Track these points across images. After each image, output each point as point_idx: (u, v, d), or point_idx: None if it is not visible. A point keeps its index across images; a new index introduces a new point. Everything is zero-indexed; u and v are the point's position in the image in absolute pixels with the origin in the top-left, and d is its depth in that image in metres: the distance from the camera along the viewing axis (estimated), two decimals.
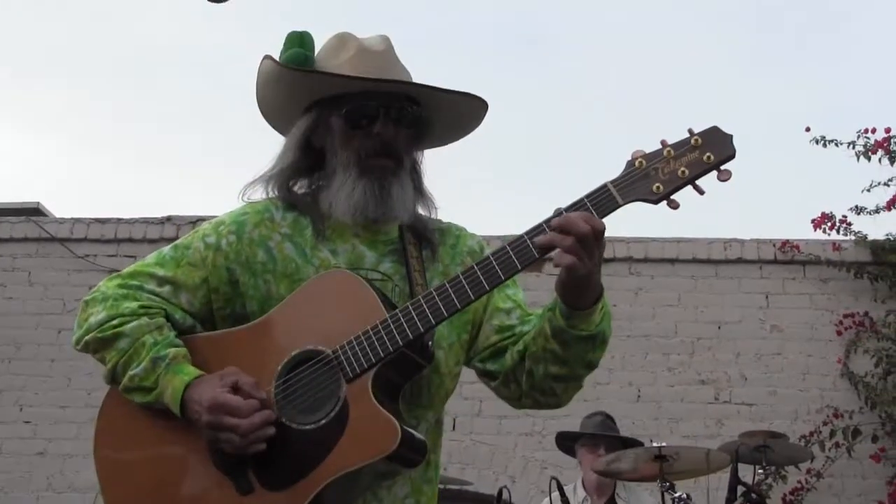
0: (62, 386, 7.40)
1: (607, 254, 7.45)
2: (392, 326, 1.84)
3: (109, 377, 1.98)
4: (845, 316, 7.19)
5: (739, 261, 7.56)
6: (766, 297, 7.46)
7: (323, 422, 1.83)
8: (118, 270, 7.04)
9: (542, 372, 1.93)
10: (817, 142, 7.43)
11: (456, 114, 2.14)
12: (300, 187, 2.12)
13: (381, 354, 1.83)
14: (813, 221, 7.45)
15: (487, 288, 1.82)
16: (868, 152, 7.20)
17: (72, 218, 7.95)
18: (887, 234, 7.31)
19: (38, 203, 8.60)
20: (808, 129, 7.47)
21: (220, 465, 1.88)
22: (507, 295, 2.08)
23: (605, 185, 1.79)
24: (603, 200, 1.79)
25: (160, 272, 2.03)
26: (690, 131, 1.80)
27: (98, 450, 2.03)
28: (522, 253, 1.80)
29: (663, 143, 1.80)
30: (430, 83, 2.08)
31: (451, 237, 2.14)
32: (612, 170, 1.83)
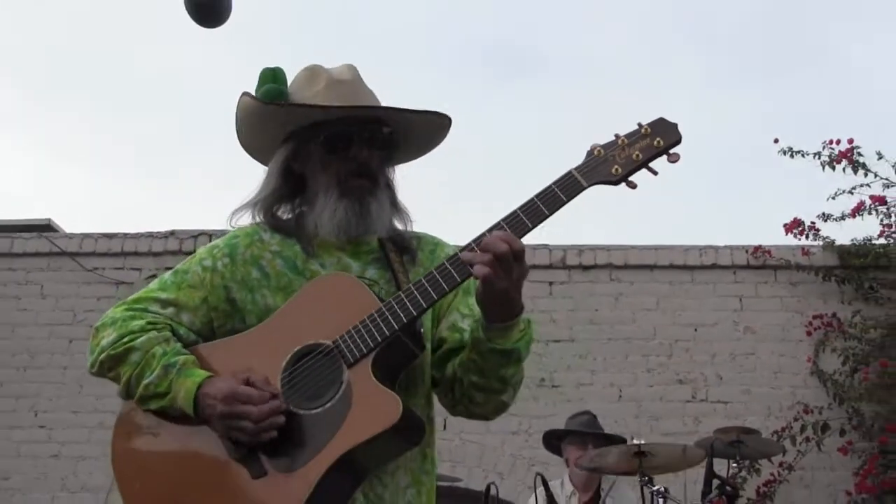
0: (74, 392, 7.41)
1: (589, 261, 7.62)
2: (387, 313, 1.90)
3: (124, 391, 2.03)
4: (814, 317, 7.22)
5: (714, 266, 7.57)
6: (740, 300, 7.49)
7: (329, 404, 1.88)
8: (124, 282, 7.12)
9: (466, 380, 2.00)
10: (785, 152, 7.45)
11: (423, 130, 2.20)
12: (284, 212, 2.18)
13: (379, 339, 1.89)
14: (784, 227, 7.47)
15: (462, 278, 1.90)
16: (833, 162, 7.22)
17: (81, 233, 7.96)
18: (852, 240, 7.34)
19: (50, 219, 8.61)
20: (776, 141, 7.51)
21: (233, 455, 1.91)
22: (469, 303, 2.13)
23: (570, 172, 1.91)
24: (569, 185, 1.89)
25: (163, 296, 2.09)
26: (640, 124, 1.94)
27: (116, 457, 2.06)
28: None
29: (617, 135, 1.94)
30: (397, 104, 2.15)
31: (428, 244, 2.21)
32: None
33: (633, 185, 1.91)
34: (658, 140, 1.90)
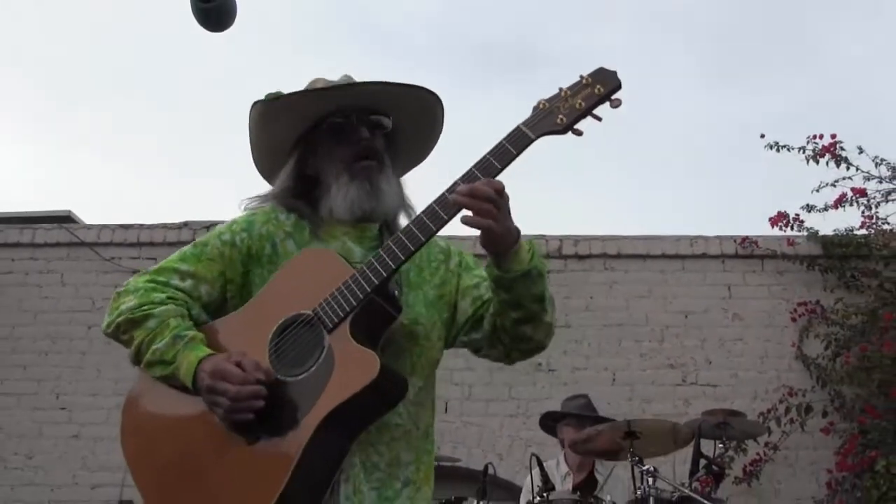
0: (93, 376, 7.48)
1: (584, 251, 7.64)
2: (359, 278, 1.94)
3: (134, 354, 2.06)
4: (799, 304, 7.25)
5: (704, 256, 7.60)
6: (728, 288, 7.52)
7: (312, 369, 1.92)
8: (140, 271, 7.17)
9: (508, 322, 2.04)
10: (771, 147, 7.44)
11: (417, 112, 2.23)
12: (298, 200, 2.21)
13: (353, 302, 1.92)
14: (770, 219, 7.48)
15: (434, 229, 1.93)
16: (816, 156, 7.22)
17: (99, 224, 8.01)
18: (835, 230, 7.38)
19: (70, 211, 8.64)
20: (762, 136, 7.50)
21: (229, 426, 1.94)
22: (473, 274, 2.19)
23: (517, 127, 1.93)
24: (518, 138, 1.92)
25: (183, 267, 2.13)
26: (581, 75, 1.96)
27: (125, 429, 2.10)
28: (446, 207, 1.92)
29: (560, 88, 1.95)
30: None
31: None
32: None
33: (578, 133, 1.93)
34: (598, 87, 1.92)
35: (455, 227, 1.93)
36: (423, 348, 2.11)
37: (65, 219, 8.61)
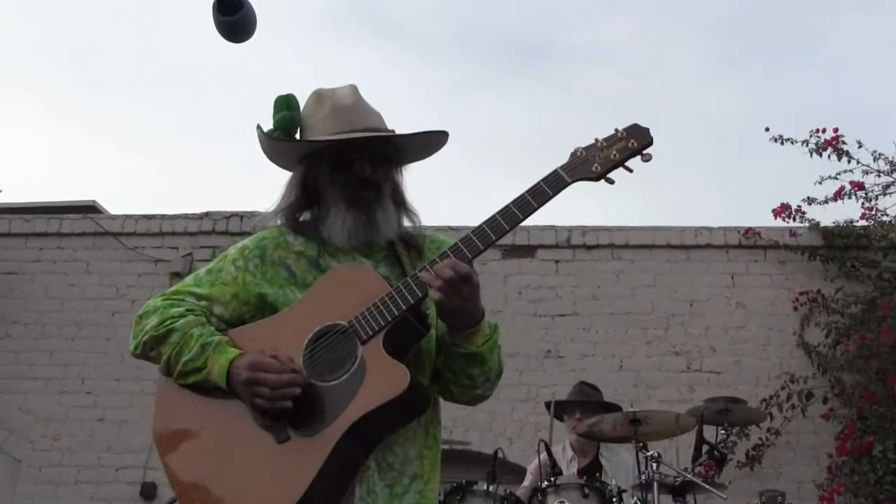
0: (116, 361, 7.59)
1: (592, 241, 7.73)
2: (396, 296, 2.02)
3: (165, 368, 2.13)
4: (800, 294, 7.32)
5: (708, 246, 7.68)
6: (732, 277, 7.60)
7: (345, 376, 1.99)
8: (163, 260, 7.32)
9: (444, 375, 2.17)
10: (775, 140, 7.48)
11: (423, 144, 2.30)
12: (304, 217, 2.29)
13: (389, 318, 2.01)
14: (773, 211, 7.56)
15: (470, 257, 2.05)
16: (819, 150, 7.28)
17: (123, 215, 8.15)
18: (835, 222, 7.44)
19: (94, 201, 8.77)
20: (767, 129, 7.53)
21: (260, 423, 2.01)
22: None
23: (555, 170, 2.05)
24: (555, 181, 2.04)
25: (198, 290, 2.20)
26: (616, 129, 2.08)
27: (157, 430, 2.17)
28: (480, 238, 2.05)
29: (596, 138, 2.07)
30: (397, 129, 2.25)
31: (435, 242, 2.32)
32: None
33: (611, 181, 2.06)
34: (632, 142, 2.04)
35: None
36: (430, 348, 2.20)
37: (90, 209, 8.75)
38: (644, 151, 2.05)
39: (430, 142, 2.31)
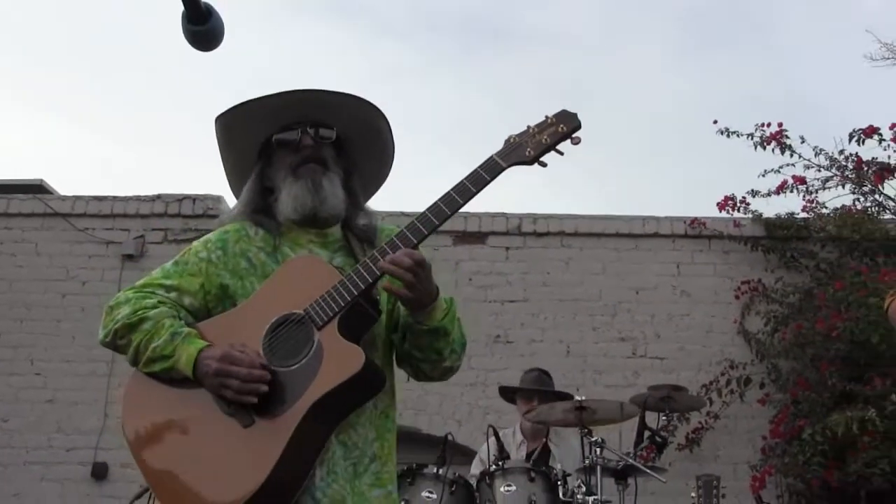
0: (67, 343, 7.61)
1: (543, 229, 7.88)
2: (348, 283, 2.14)
3: (133, 355, 2.22)
4: (742, 283, 7.52)
5: (655, 235, 7.85)
6: (678, 266, 7.78)
7: (303, 361, 2.11)
8: (114, 242, 7.31)
9: (413, 355, 2.31)
10: (722, 133, 7.62)
11: (361, 123, 2.40)
12: (261, 214, 2.40)
13: (342, 303, 2.12)
14: (718, 203, 7.72)
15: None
16: (763, 143, 7.43)
17: (73, 196, 8.08)
18: (777, 214, 7.65)
19: (42, 180, 8.67)
20: (715, 122, 7.68)
21: (226, 410, 2.11)
22: None
23: (491, 157, 2.18)
24: (491, 167, 2.17)
25: (167, 282, 2.30)
26: (546, 115, 2.22)
27: (127, 429, 2.23)
28: (424, 224, 2.17)
29: (528, 125, 2.22)
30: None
31: (385, 231, 2.44)
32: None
33: (543, 164, 2.21)
34: (562, 127, 2.17)
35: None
36: (380, 332, 2.33)
37: (37, 188, 8.64)
38: (573, 135, 2.19)
39: (367, 124, 2.41)
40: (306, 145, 2.34)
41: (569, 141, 2.19)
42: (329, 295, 2.15)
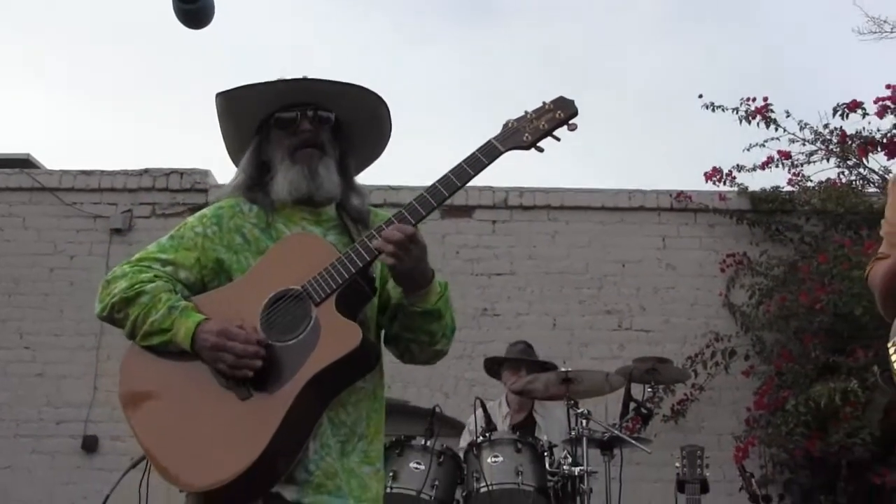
0: (55, 317, 7.61)
1: (529, 202, 7.90)
2: (346, 261, 2.17)
3: (130, 329, 2.24)
4: (727, 256, 7.53)
5: (641, 209, 7.85)
6: (663, 239, 7.80)
7: (301, 336, 2.14)
8: (102, 216, 7.30)
9: (403, 337, 2.35)
10: (707, 107, 7.57)
11: (361, 111, 2.43)
12: (256, 190, 2.43)
13: (340, 281, 2.15)
14: (705, 174, 7.70)
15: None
16: (749, 117, 7.41)
17: (60, 170, 8.04)
18: (762, 187, 7.68)
19: (29, 154, 8.62)
20: (700, 96, 7.64)
21: (223, 383, 2.14)
22: None
23: (489, 141, 2.21)
24: (489, 150, 2.20)
25: (163, 256, 2.32)
26: (544, 101, 2.25)
27: (123, 397, 2.25)
28: (424, 206, 2.20)
29: (526, 111, 2.25)
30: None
31: (379, 215, 2.46)
32: None
33: (540, 150, 2.24)
34: (559, 113, 2.21)
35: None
36: (373, 313, 2.36)
37: (24, 163, 8.59)
38: (570, 122, 2.22)
39: (369, 112, 2.43)
40: (305, 129, 2.36)
41: (565, 127, 2.22)
42: (327, 272, 2.18)
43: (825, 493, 6.52)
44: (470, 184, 2.24)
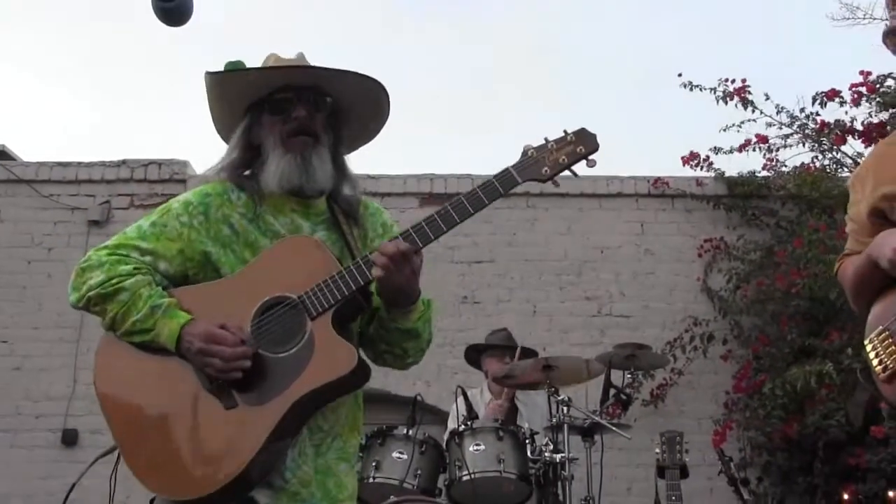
0: (34, 310, 7.52)
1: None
2: (347, 276, 2.11)
3: (109, 324, 2.16)
4: (705, 241, 7.55)
5: (619, 195, 7.85)
6: (641, 225, 7.81)
7: (294, 350, 2.07)
8: (80, 208, 7.20)
9: (380, 346, 2.33)
10: (685, 86, 7.50)
11: (361, 97, 2.33)
12: (245, 174, 2.34)
13: (339, 297, 2.09)
14: (682, 158, 7.65)
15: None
16: (726, 98, 7.35)
17: (37, 162, 7.94)
18: (738, 172, 7.67)
19: (4, 146, 8.50)
20: (680, 75, 7.57)
21: (208, 387, 2.07)
22: None
23: (507, 169, 2.15)
24: (507, 179, 2.14)
25: (143, 245, 2.21)
26: (565, 132, 2.18)
27: (99, 386, 2.17)
28: (431, 229, 2.15)
29: (546, 139, 2.18)
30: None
31: (371, 208, 2.43)
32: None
33: (556, 184, 2.19)
34: (580, 148, 2.15)
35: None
36: (358, 320, 2.31)
37: None
38: (589, 157, 2.15)
39: (369, 97, 2.34)
40: (299, 115, 2.27)
41: (584, 161, 2.17)
42: (326, 285, 2.11)
43: (803, 474, 6.57)
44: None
